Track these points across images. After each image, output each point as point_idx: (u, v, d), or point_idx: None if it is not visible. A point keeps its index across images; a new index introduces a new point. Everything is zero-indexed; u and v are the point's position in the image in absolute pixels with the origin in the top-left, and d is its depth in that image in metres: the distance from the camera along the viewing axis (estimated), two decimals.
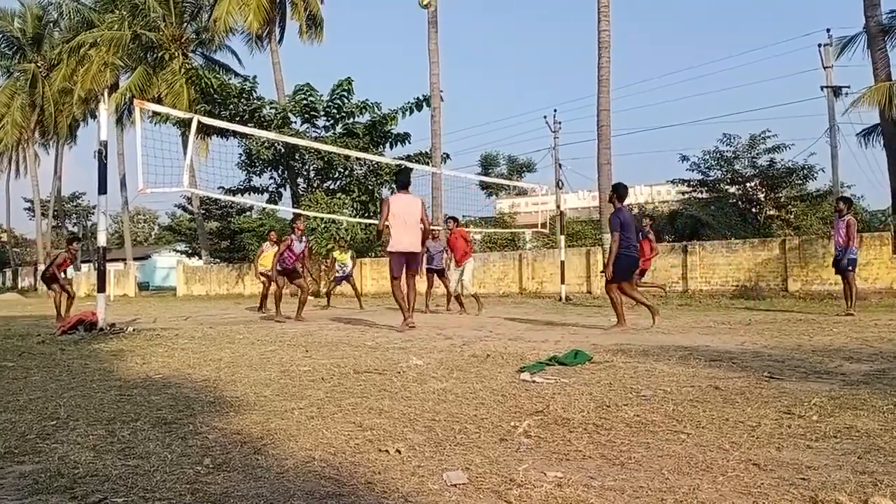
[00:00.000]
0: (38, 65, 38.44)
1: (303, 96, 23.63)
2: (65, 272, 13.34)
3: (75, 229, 61.47)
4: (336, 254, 16.52)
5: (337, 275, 16.29)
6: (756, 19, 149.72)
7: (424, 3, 17.55)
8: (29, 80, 38.39)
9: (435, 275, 13.07)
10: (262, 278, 13.19)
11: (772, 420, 3.07)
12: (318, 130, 24.54)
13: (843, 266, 10.33)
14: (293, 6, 28.55)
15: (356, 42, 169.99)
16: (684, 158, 26.00)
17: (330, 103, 23.75)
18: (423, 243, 8.70)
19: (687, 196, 27.20)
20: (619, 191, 8.34)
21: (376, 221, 18.55)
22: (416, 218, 8.46)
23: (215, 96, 23.68)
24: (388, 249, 8.50)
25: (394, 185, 24.99)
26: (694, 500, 2.07)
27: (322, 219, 21.05)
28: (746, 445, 2.66)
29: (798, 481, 2.21)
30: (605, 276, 8.27)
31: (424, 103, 23.37)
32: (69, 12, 35.46)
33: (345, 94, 23.69)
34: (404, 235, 8.35)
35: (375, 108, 24.11)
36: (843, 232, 10.38)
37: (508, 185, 39.68)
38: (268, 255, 12.98)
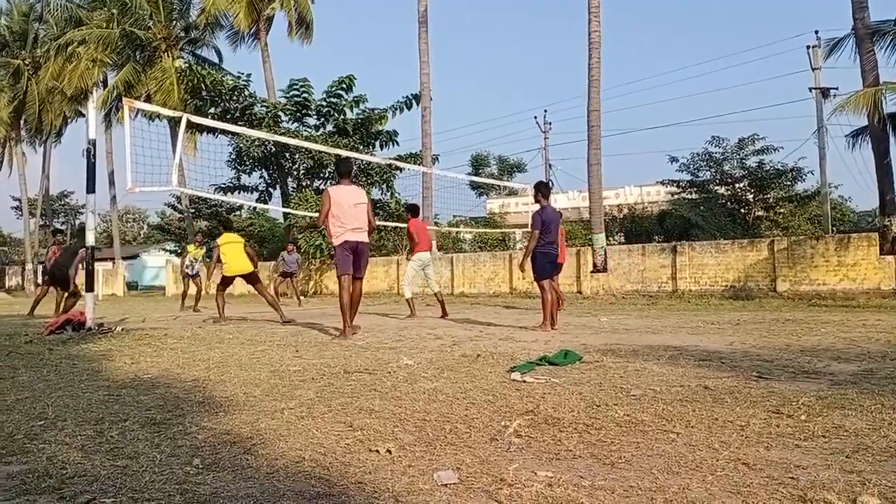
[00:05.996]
0: (25, 62, 38.09)
1: (296, 92, 23.46)
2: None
3: (63, 228, 61.09)
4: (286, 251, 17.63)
5: (283, 269, 17.17)
6: (745, 21, 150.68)
7: None
8: (12, 75, 38.00)
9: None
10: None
11: (761, 419, 3.08)
12: (309, 129, 24.44)
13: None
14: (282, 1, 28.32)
15: (344, 40, 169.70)
16: (674, 160, 26.25)
17: (324, 101, 23.58)
18: (369, 235, 7.76)
19: (676, 197, 27.35)
20: (542, 189, 8.38)
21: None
22: (361, 208, 7.60)
23: (204, 94, 23.53)
24: (334, 242, 7.63)
25: (384, 185, 24.94)
26: (684, 499, 2.08)
27: (311, 218, 20.99)
28: (736, 445, 2.68)
29: (787, 480, 2.22)
30: (523, 274, 8.77)
31: (414, 101, 23.31)
32: (57, 9, 35.16)
33: (342, 91, 23.51)
34: (349, 225, 7.51)
35: (364, 100, 23.94)
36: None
37: (499, 186, 39.69)
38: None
